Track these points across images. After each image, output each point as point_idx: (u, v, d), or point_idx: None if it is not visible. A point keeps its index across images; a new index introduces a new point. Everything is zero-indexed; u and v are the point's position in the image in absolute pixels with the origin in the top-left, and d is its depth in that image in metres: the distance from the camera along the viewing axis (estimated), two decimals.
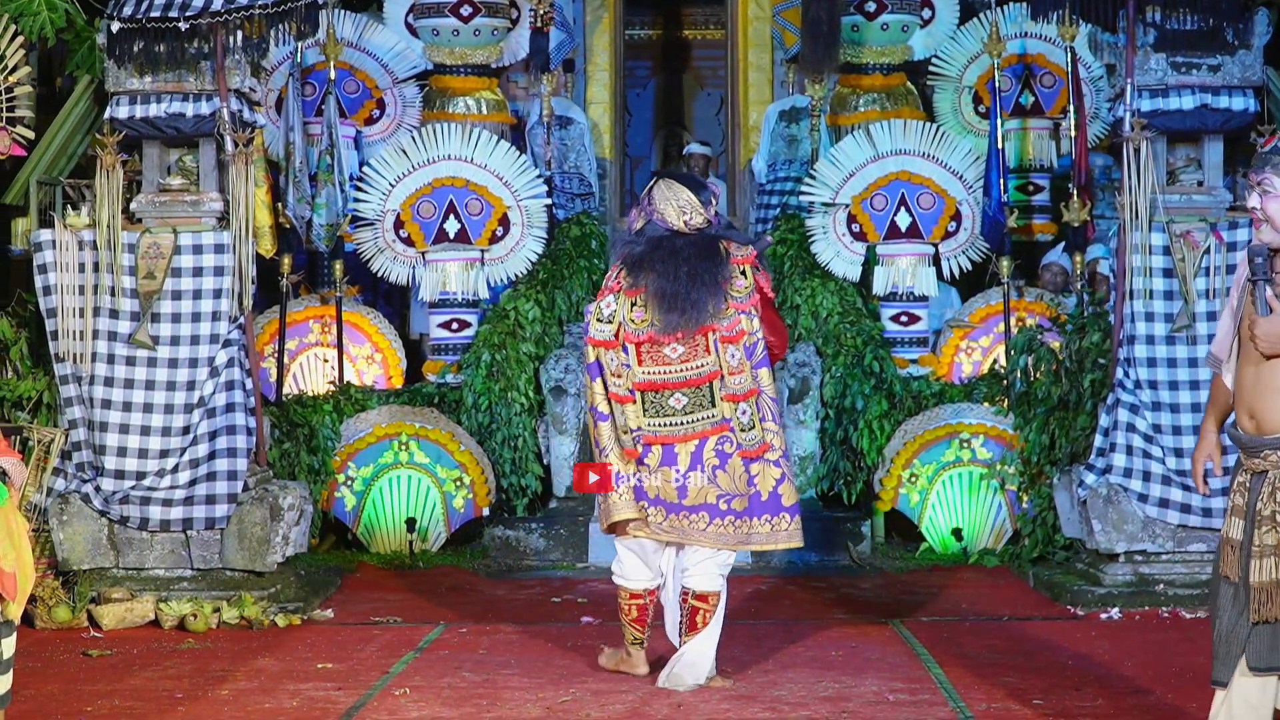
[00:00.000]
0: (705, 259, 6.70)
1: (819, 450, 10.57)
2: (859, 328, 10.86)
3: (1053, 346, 9.84)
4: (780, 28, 13.25)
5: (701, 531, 6.74)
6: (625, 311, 6.79)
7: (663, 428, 6.76)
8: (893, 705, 6.52)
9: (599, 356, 6.82)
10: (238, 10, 8.54)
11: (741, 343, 6.74)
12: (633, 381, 6.75)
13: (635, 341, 6.78)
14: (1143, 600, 8.55)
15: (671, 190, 6.79)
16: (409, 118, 12.14)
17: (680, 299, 6.64)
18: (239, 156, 8.69)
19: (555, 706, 6.55)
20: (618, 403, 6.78)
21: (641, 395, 6.76)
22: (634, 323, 6.77)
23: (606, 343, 6.79)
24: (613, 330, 6.78)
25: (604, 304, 6.83)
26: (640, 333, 6.77)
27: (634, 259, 6.80)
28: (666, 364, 6.76)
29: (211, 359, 8.67)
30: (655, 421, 6.76)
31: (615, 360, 6.77)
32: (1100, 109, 11.86)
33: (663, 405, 6.76)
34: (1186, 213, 8.86)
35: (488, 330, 10.89)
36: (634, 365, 6.76)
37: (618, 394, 6.77)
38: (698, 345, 6.73)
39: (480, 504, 10.53)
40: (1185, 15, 8.71)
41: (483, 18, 12.05)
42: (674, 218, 6.77)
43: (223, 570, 8.61)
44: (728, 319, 6.72)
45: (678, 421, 6.75)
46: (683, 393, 6.74)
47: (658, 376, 6.77)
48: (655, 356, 6.77)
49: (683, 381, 6.74)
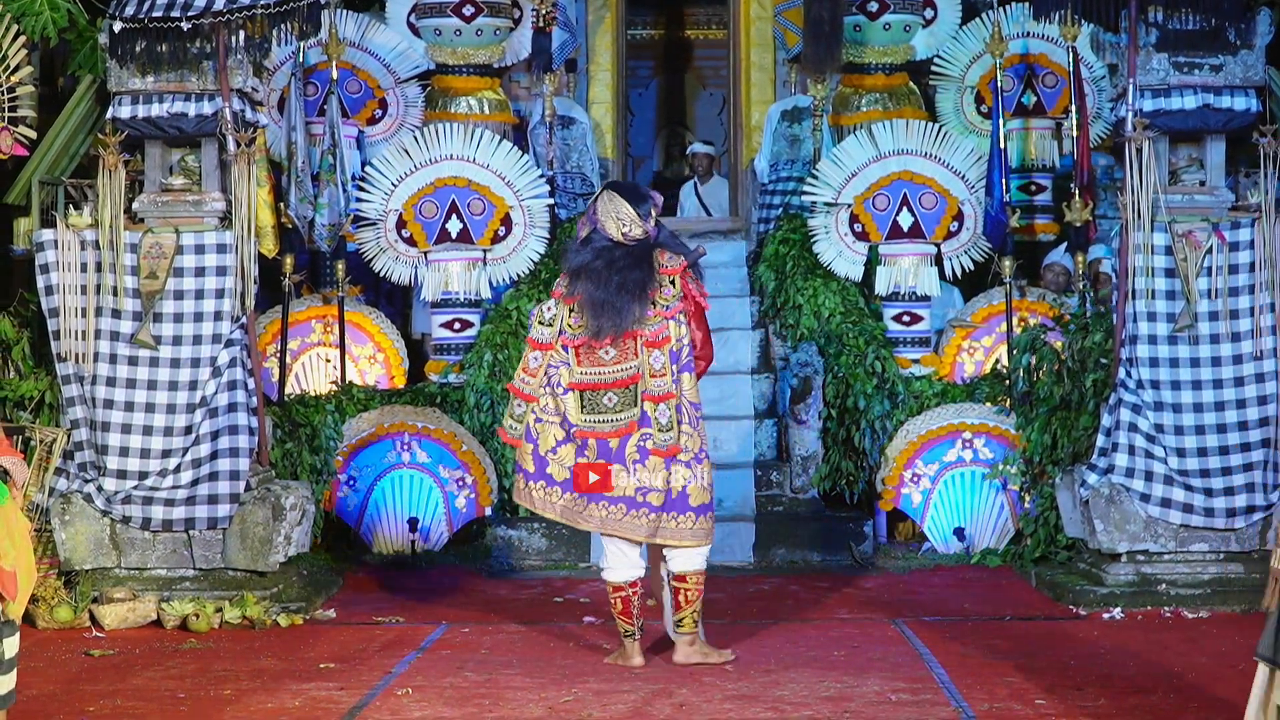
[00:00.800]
0: (635, 269, 7.20)
1: (821, 450, 10.57)
2: (861, 328, 10.86)
3: (1055, 346, 9.84)
4: (782, 27, 13.24)
5: (618, 522, 7.21)
6: (564, 317, 7.29)
7: (598, 424, 7.23)
8: (895, 705, 6.52)
9: (526, 353, 7.36)
10: (240, 10, 8.54)
11: (666, 348, 7.23)
12: (571, 380, 7.24)
13: (573, 345, 7.27)
14: (1145, 600, 8.55)
15: (613, 204, 7.28)
16: (411, 117, 12.13)
17: (608, 306, 7.16)
18: (241, 156, 8.70)
19: (557, 706, 6.55)
20: (514, 394, 7.32)
21: (579, 394, 7.25)
22: (571, 328, 7.28)
23: (542, 344, 7.31)
24: (553, 333, 7.30)
25: (545, 308, 7.37)
26: (576, 336, 7.27)
27: (573, 269, 7.33)
28: (601, 365, 7.28)
29: (214, 359, 8.68)
30: (591, 418, 7.24)
31: (536, 361, 7.29)
32: (1102, 109, 11.86)
33: (598, 403, 7.26)
34: (1188, 212, 8.86)
35: (490, 330, 10.89)
36: (573, 365, 7.26)
37: (517, 389, 7.30)
38: (627, 349, 7.23)
39: (482, 504, 10.53)
40: (1187, 15, 8.71)
41: (485, 17, 12.04)
42: (614, 230, 7.27)
43: (225, 570, 8.61)
44: (653, 325, 7.21)
45: (609, 419, 7.23)
46: (614, 392, 7.25)
47: (593, 377, 7.26)
48: (590, 358, 7.27)
49: (614, 382, 7.25)
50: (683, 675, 7.06)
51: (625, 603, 7.29)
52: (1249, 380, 8.70)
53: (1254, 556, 8.64)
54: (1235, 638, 7.77)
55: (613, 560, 7.31)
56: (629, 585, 7.29)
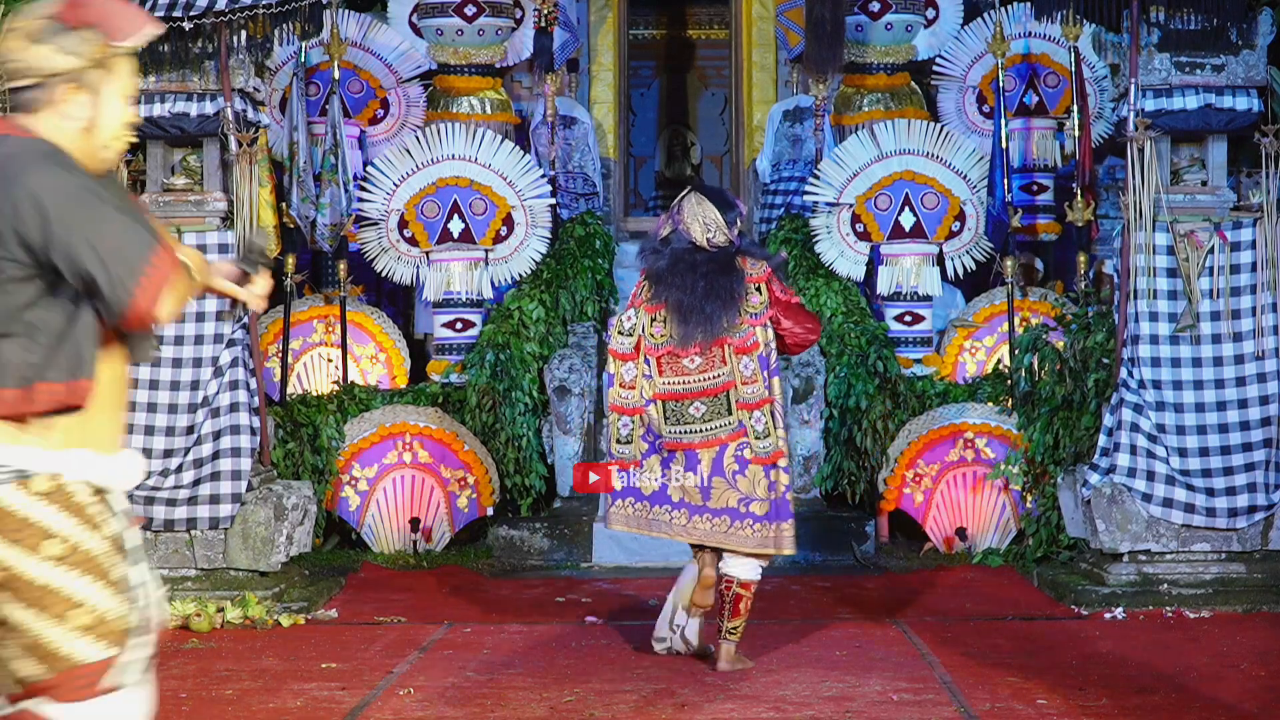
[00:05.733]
0: (722, 275, 6.99)
1: (823, 450, 10.57)
2: (863, 327, 10.86)
3: (1057, 346, 9.84)
4: (784, 27, 13.25)
5: (724, 534, 7.01)
6: (645, 325, 7.09)
7: (685, 434, 7.04)
8: (897, 705, 6.52)
9: (616, 368, 7.10)
10: (242, 10, 8.55)
11: (755, 354, 7.02)
12: (654, 391, 7.04)
13: (655, 354, 7.07)
14: (1147, 600, 8.55)
15: (701, 207, 7.06)
16: (413, 117, 12.15)
17: (696, 313, 6.95)
18: (243, 156, 8.70)
19: (559, 706, 6.55)
20: (618, 414, 7.07)
21: (663, 404, 7.05)
22: (653, 336, 7.08)
23: (626, 355, 7.10)
24: (633, 343, 7.08)
25: (625, 317, 7.15)
26: (660, 346, 7.06)
27: (655, 273, 7.11)
28: (685, 374, 7.05)
29: (215, 358, 8.68)
30: (677, 429, 7.05)
31: (630, 373, 7.06)
32: (1104, 108, 11.86)
33: (683, 414, 7.04)
34: (1190, 212, 8.86)
35: (492, 330, 10.90)
36: (655, 376, 7.06)
37: (620, 406, 7.06)
38: (714, 356, 7.02)
39: (484, 504, 10.53)
40: (1189, 15, 8.71)
41: (487, 17, 12.06)
42: (698, 234, 7.04)
43: (227, 570, 8.61)
44: (741, 332, 7.01)
45: (697, 429, 7.03)
46: (701, 401, 7.03)
47: (677, 386, 7.05)
48: (674, 367, 7.05)
49: (700, 391, 7.02)
50: (684, 675, 7.06)
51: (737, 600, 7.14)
52: (1251, 380, 8.70)
53: (1256, 556, 8.64)
54: (1237, 637, 7.77)
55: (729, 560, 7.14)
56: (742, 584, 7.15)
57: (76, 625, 3.39)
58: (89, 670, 3.40)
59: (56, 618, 3.38)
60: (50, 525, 3.38)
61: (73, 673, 3.39)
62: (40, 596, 3.37)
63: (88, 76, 3.42)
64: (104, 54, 3.43)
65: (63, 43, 3.40)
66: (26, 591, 3.36)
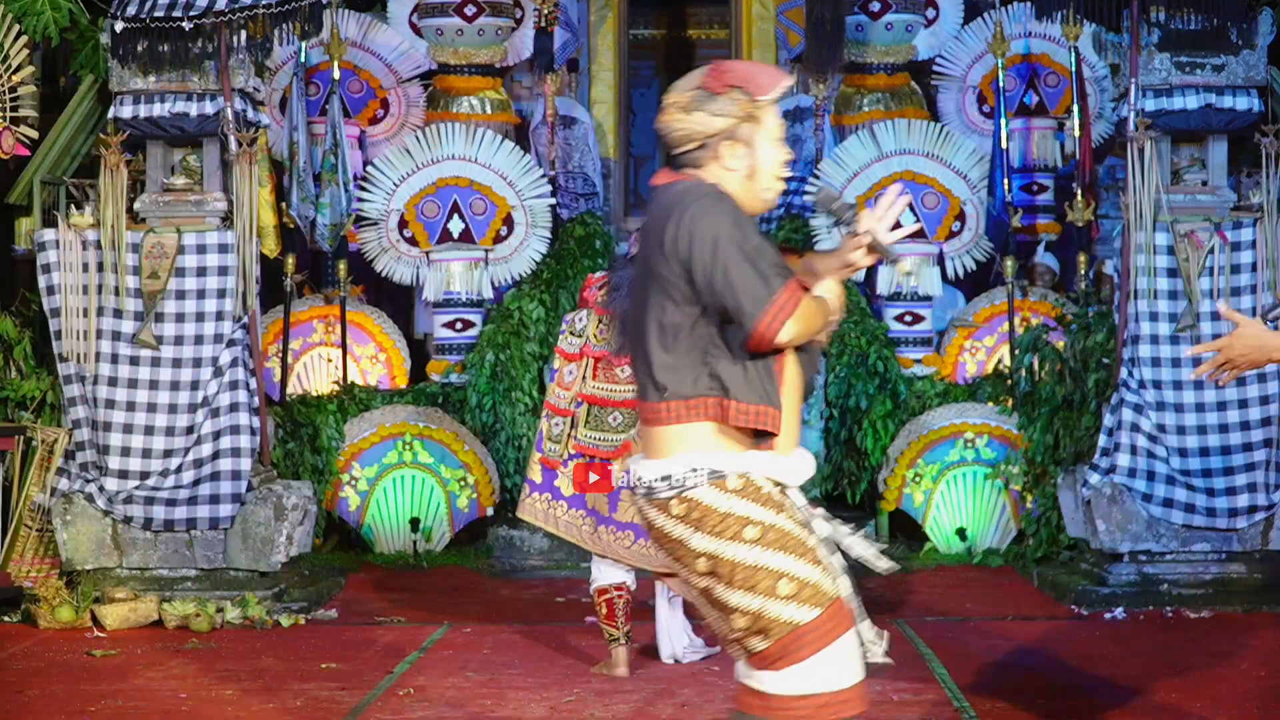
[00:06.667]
0: None
1: (823, 450, 10.57)
2: (863, 327, 10.85)
3: (1057, 346, 9.83)
4: (784, 27, 13.23)
5: (625, 549, 6.96)
6: (592, 327, 7.12)
7: (600, 441, 7.05)
8: (897, 705, 6.51)
9: (560, 366, 7.17)
10: (242, 10, 8.55)
11: None
12: (580, 392, 7.06)
13: (593, 355, 7.09)
14: (1147, 600, 8.55)
15: None
16: (413, 117, 12.14)
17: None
18: (243, 156, 8.70)
19: (559, 706, 6.55)
20: (553, 413, 7.11)
21: (587, 407, 7.07)
22: (596, 339, 7.11)
23: (570, 355, 7.16)
24: (580, 344, 7.14)
25: (577, 318, 7.21)
26: (598, 348, 7.08)
27: (614, 282, 6.94)
28: (615, 382, 7.07)
29: (215, 359, 8.68)
30: (593, 435, 7.06)
31: (571, 374, 7.11)
32: (1104, 108, 11.85)
33: (602, 420, 7.06)
34: (1191, 212, 8.86)
35: (492, 330, 10.89)
36: (589, 377, 7.08)
37: (555, 405, 7.11)
38: None
39: (484, 504, 10.53)
40: (1189, 15, 8.71)
41: (487, 17, 12.04)
42: None
43: (227, 570, 8.61)
44: None
45: (613, 438, 7.03)
46: (621, 411, 7.04)
47: (603, 392, 7.07)
48: (607, 374, 7.07)
49: (622, 401, 7.03)
50: (684, 675, 7.06)
51: (610, 606, 7.13)
52: (1250, 380, 8.70)
53: (1256, 556, 8.64)
54: (1237, 637, 7.77)
55: (601, 565, 7.15)
56: (614, 588, 7.12)
57: (783, 594, 3.80)
58: (803, 631, 3.81)
59: (766, 592, 3.80)
60: (746, 514, 3.83)
61: (789, 637, 3.80)
62: (748, 576, 3.80)
63: (740, 131, 3.91)
64: (751, 109, 3.91)
65: (713, 107, 3.90)
66: (736, 575, 3.81)
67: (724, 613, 3.86)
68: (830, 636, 3.84)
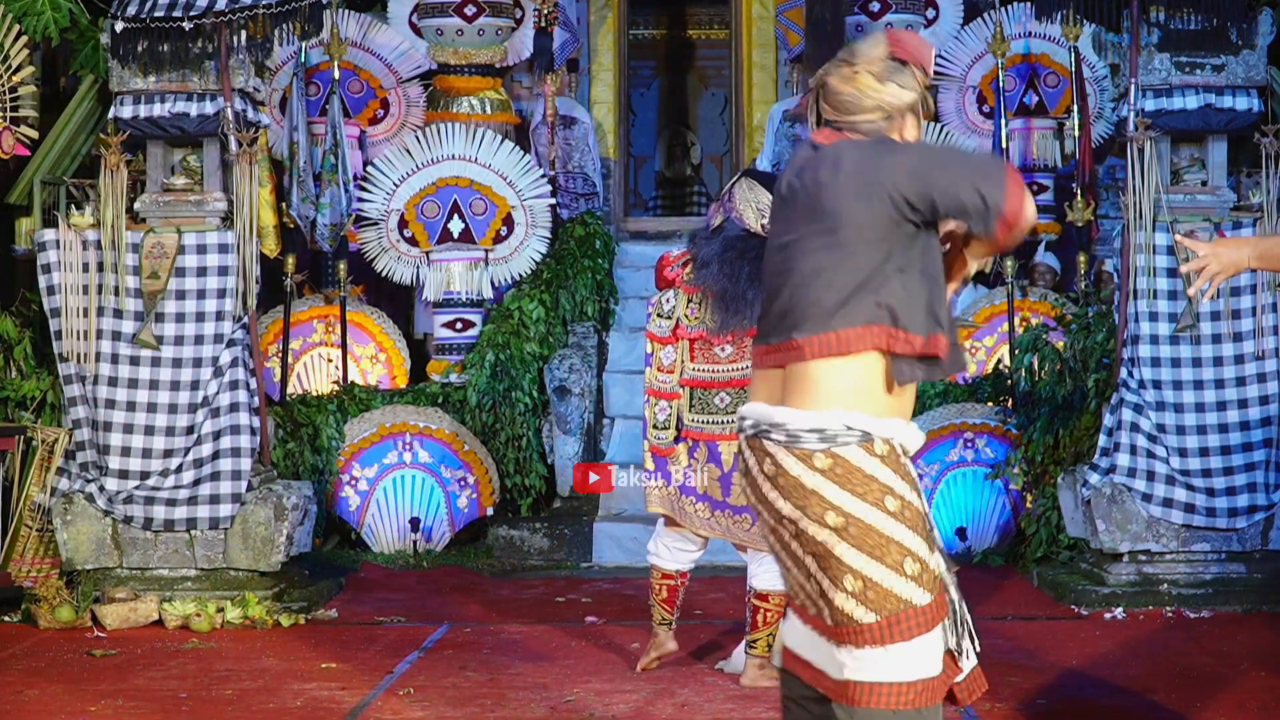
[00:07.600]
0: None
1: None
2: None
3: (1057, 346, 9.84)
4: (784, 28, 13.24)
5: (745, 532, 6.72)
6: (681, 307, 6.83)
7: (708, 424, 6.79)
8: None
9: (654, 351, 6.89)
10: (242, 10, 8.55)
11: None
12: (681, 377, 6.80)
13: (688, 337, 6.81)
14: (1146, 600, 8.55)
15: (754, 192, 6.66)
16: (413, 118, 12.15)
17: (737, 300, 6.58)
18: (243, 156, 8.70)
19: (559, 706, 6.55)
20: (655, 398, 6.86)
21: (690, 391, 6.80)
22: (688, 319, 6.81)
23: (664, 339, 6.86)
24: (670, 326, 6.84)
25: (664, 299, 6.89)
26: (693, 329, 6.80)
27: (702, 259, 6.75)
28: (716, 363, 6.78)
29: (215, 359, 8.67)
30: (700, 418, 6.80)
31: (669, 357, 6.84)
32: (1104, 108, 11.86)
33: (709, 403, 6.79)
34: (1190, 212, 8.86)
35: (492, 330, 10.89)
36: (686, 361, 6.82)
37: (659, 390, 6.84)
38: (745, 346, 6.70)
39: (484, 504, 10.53)
40: (1189, 15, 8.71)
41: (487, 17, 12.05)
42: (752, 220, 6.63)
43: (227, 570, 8.61)
44: None
45: (721, 420, 6.77)
46: (728, 392, 6.76)
47: (705, 374, 6.80)
48: (706, 354, 6.80)
49: (728, 381, 6.76)
50: (684, 675, 7.06)
51: (672, 591, 6.96)
52: (1251, 380, 8.70)
53: (1256, 556, 8.64)
54: (1237, 637, 7.77)
55: (671, 548, 6.96)
56: (679, 575, 6.98)
57: (908, 573, 3.76)
58: (917, 613, 3.78)
59: (893, 566, 3.75)
60: (889, 483, 3.76)
61: (902, 615, 3.76)
62: (879, 545, 3.74)
63: (919, 107, 3.88)
64: (923, 85, 3.89)
65: (903, 80, 3.85)
66: (866, 538, 3.74)
67: (833, 572, 3.76)
68: (933, 624, 3.83)
